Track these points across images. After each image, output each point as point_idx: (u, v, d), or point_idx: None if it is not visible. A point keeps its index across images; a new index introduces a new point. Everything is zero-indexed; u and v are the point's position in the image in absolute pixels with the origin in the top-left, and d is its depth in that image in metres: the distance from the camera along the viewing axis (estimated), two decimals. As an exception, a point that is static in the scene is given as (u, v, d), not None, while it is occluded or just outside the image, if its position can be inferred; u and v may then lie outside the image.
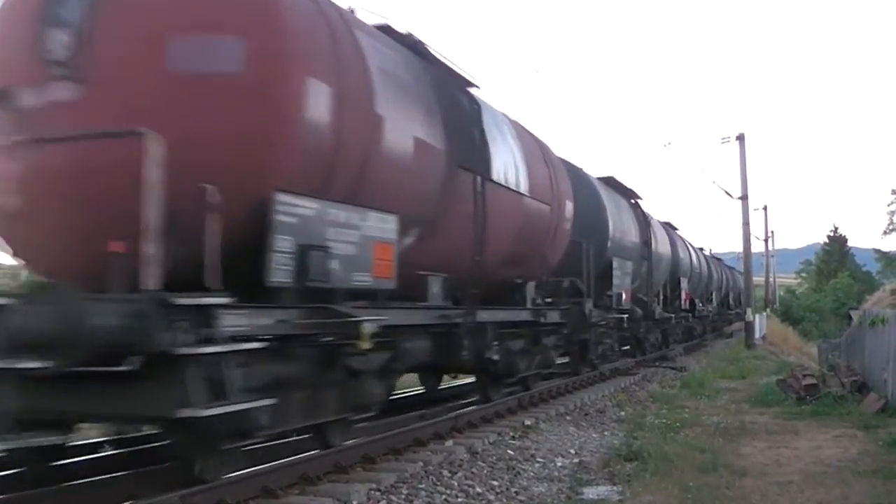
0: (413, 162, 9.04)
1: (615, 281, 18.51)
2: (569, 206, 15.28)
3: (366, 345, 7.34)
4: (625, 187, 22.65)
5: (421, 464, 8.51)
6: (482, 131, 11.40)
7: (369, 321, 7.35)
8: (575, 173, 17.88)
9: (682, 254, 29.93)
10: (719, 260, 50.39)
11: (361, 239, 7.82)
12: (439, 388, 15.43)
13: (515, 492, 8.01)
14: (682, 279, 29.12)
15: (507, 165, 12.12)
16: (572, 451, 10.18)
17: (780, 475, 8.75)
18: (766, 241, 68.39)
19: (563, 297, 15.52)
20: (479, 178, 10.83)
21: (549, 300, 14.92)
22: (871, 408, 13.24)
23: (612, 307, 18.38)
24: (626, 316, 19.47)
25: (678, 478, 8.33)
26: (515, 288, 13.41)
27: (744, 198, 36.16)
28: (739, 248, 39.26)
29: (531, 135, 14.61)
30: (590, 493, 8.11)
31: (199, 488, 6.45)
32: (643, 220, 23.34)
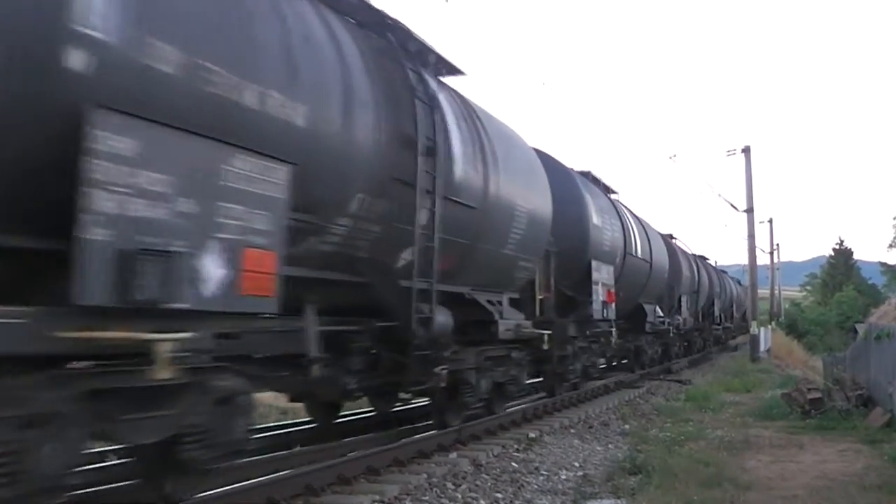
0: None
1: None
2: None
3: None
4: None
5: (425, 476, 8.52)
6: None
7: None
8: None
9: (596, 220, 17.03)
10: (704, 258, 40.21)
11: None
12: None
13: (519, 504, 8.01)
14: (595, 264, 16.50)
15: None
16: (576, 464, 10.17)
17: (784, 489, 8.73)
18: (771, 253, 68.32)
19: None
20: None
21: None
22: (876, 422, 13.21)
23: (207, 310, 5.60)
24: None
25: (682, 491, 8.31)
26: None
27: (749, 210, 36.19)
28: (745, 260, 39.30)
29: None
30: (594, 506, 8.10)
31: (199, 497, 6.44)
32: (426, 102, 9.09)
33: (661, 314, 24.63)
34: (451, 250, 9.53)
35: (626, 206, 21.41)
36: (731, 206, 37.01)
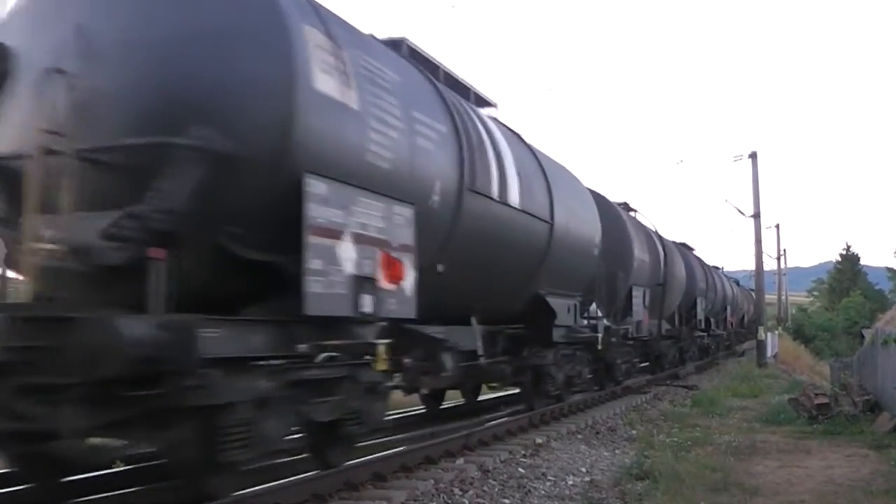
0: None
1: None
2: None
3: None
4: None
5: (432, 482, 8.51)
6: None
7: None
8: None
9: (328, 87, 7.16)
10: (686, 246, 32.00)
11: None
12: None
13: (526, 510, 8.00)
14: (325, 191, 6.94)
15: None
16: (583, 470, 10.16)
17: (791, 495, 8.73)
18: (778, 259, 68.29)
19: None
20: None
21: None
22: (883, 427, 13.20)
23: None
24: None
25: (690, 497, 8.32)
26: None
27: (756, 216, 36.20)
28: (752, 266, 39.24)
29: None
30: (601, 511, 8.10)
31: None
32: None
33: (598, 314, 16.58)
34: None
35: (498, 121, 12.71)
36: (738, 211, 37.00)
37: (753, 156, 36.26)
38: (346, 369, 7.66)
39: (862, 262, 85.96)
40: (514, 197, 11.54)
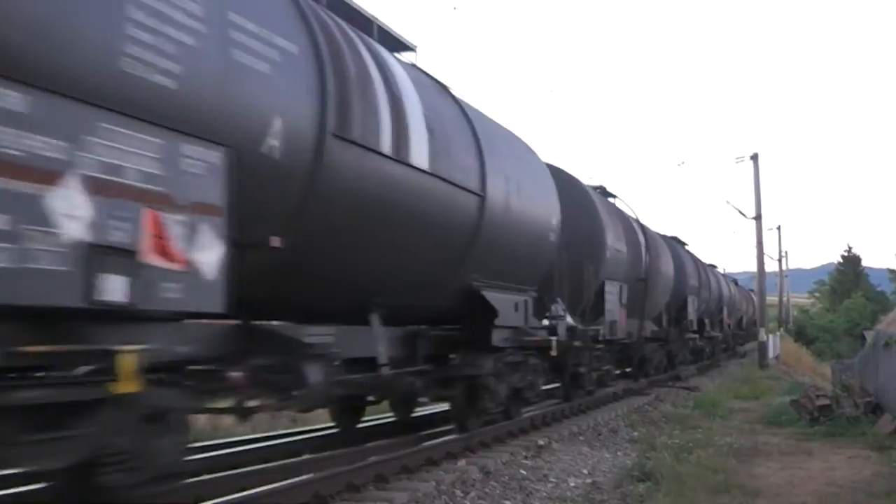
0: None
1: None
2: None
3: None
4: None
5: (434, 483, 8.51)
6: None
7: None
8: None
9: None
10: (678, 241, 29.52)
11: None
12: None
13: (528, 512, 8.00)
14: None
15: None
16: (585, 472, 10.16)
17: (793, 496, 8.73)
18: (779, 260, 68.25)
19: None
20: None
21: None
22: (884, 429, 13.19)
23: None
24: None
25: (691, 498, 8.32)
26: None
27: (758, 217, 36.23)
28: (753, 267, 39.26)
29: None
30: (602, 513, 8.10)
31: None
32: None
33: (560, 312, 13.58)
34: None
35: (414, 66, 10.27)
36: (740, 213, 37.03)
37: (755, 157, 36.32)
38: (103, 389, 4.89)
39: (864, 263, 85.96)
40: (419, 156, 8.68)
